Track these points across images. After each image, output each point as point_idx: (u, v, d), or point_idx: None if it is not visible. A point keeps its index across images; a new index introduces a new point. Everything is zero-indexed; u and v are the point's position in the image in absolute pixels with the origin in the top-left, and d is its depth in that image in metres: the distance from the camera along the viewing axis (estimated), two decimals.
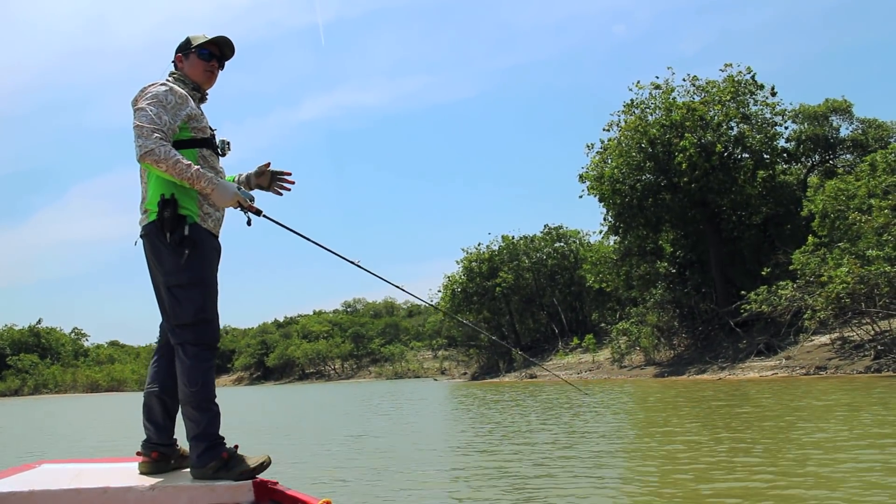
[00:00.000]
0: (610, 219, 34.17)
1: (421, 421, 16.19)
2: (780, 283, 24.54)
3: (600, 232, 37.46)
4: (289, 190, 3.96)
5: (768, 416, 11.54)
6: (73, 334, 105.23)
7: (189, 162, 3.27)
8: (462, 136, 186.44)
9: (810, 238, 23.83)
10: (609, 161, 32.27)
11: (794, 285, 23.64)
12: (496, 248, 52.59)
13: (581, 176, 33.33)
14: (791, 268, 24.13)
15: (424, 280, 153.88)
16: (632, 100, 32.32)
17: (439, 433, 12.78)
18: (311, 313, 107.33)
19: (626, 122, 32.07)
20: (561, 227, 52.43)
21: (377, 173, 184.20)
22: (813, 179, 29.22)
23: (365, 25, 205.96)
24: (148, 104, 3.29)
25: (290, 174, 3.93)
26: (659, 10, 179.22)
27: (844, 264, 21.00)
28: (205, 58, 3.64)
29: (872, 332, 22.92)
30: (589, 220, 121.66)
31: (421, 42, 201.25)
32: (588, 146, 34.02)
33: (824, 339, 24.85)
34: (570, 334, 48.75)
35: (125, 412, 28.44)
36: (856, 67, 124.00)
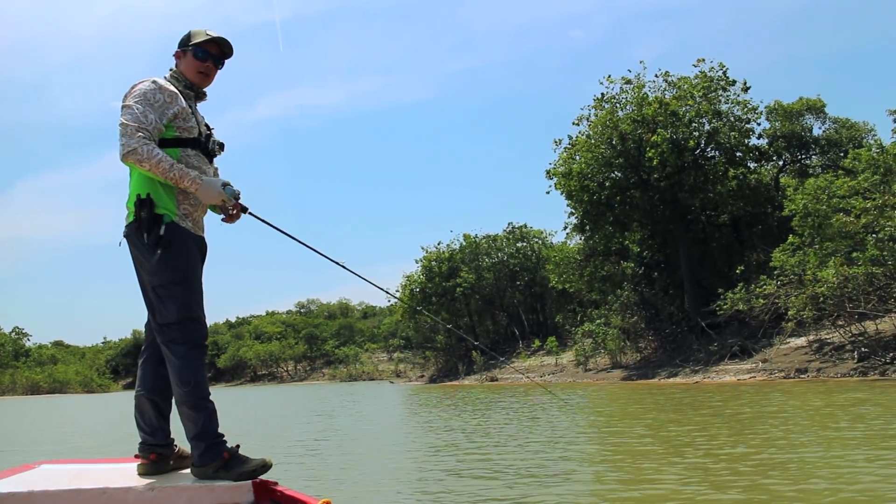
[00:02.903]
0: (576, 218, 33.27)
1: (397, 422, 15.79)
2: (762, 278, 23.74)
3: (564, 228, 36.53)
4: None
5: (802, 421, 10.54)
6: (14, 334, 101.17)
7: (172, 161, 3.27)
8: (420, 137, 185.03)
9: (791, 237, 23.08)
10: (577, 157, 31.30)
11: (777, 283, 22.85)
12: (457, 246, 51.35)
13: (548, 172, 32.30)
14: (771, 264, 23.36)
15: (382, 281, 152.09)
16: (602, 94, 31.40)
17: (423, 435, 12.40)
18: (264, 314, 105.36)
19: (596, 116, 31.13)
20: (525, 227, 51.42)
21: (333, 173, 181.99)
22: (786, 180, 28.56)
23: (322, 24, 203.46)
24: (135, 102, 3.28)
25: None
26: (617, 15, 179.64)
27: (830, 265, 20.23)
28: (200, 58, 3.57)
29: (850, 334, 22.24)
30: (550, 221, 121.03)
31: (378, 42, 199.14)
32: (556, 141, 33.05)
33: (800, 341, 24.14)
34: (530, 336, 47.75)
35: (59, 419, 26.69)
36: (813, 74, 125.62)
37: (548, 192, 32.75)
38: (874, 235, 19.92)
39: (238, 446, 3.31)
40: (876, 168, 20.58)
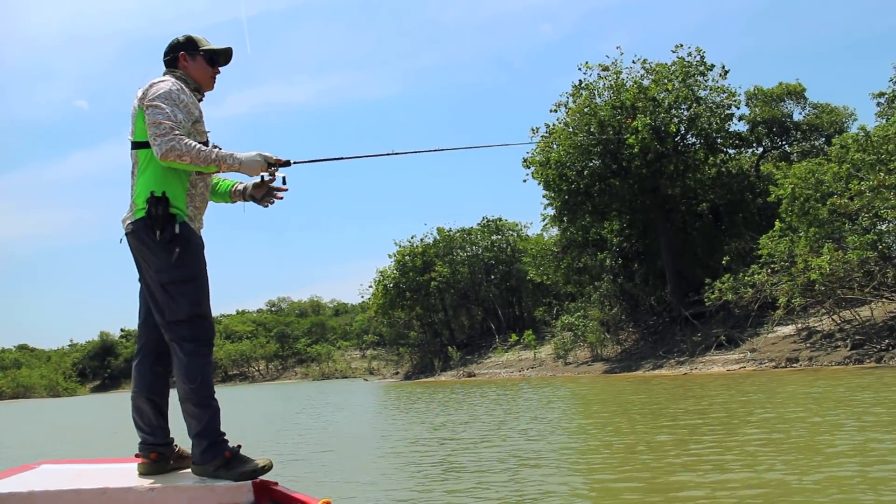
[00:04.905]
0: (554, 209, 32.58)
1: (388, 419, 15.55)
2: (752, 267, 23.11)
3: (543, 220, 35.78)
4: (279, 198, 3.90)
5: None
6: None
7: (210, 148, 3.35)
8: (389, 132, 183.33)
9: (777, 223, 22.50)
10: (555, 145, 30.53)
11: (768, 271, 22.22)
12: (431, 240, 50.48)
13: (525, 160, 31.48)
14: (758, 252, 22.75)
15: (355, 277, 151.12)
16: (580, 81, 30.64)
17: (418, 431, 12.17)
18: (234, 313, 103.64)
19: (574, 104, 30.37)
20: (500, 220, 50.63)
21: (303, 170, 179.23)
22: (767, 166, 28.02)
23: (288, 21, 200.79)
24: (162, 101, 3.31)
25: (286, 189, 3.82)
26: (586, 9, 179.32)
27: (825, 251, 19.61)
28: (212, 64, 3.71)
29: (841, 321, 21.72)
30: (524, 214, 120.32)
31: (346, 38, 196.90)
32: (533, 130, 32.22)
33: (788, 329, 23.59)
34: (507, 331, 47.02)
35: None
36: (790, 61, 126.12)
37: (524, 181, 31.95)
38: (867, 218, 19.41)
39: (239, 446, 3.31)
40: (865, 150, 20.00)
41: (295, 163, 3.58)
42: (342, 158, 3.83)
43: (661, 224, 30.18)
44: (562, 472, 6.91)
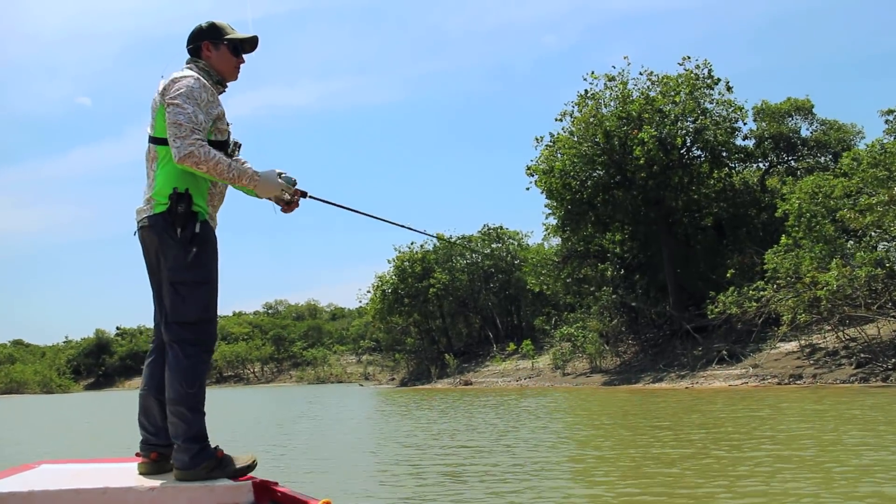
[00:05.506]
0: (556, 218, 32.42)
1: (389, 423, 15.40)
2: (758, 283, 22.89)
3: (546, 229, 35.59)
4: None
5: None
6: None
7: (229, 161, 3.26)
8: (391, 138, 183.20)
9: (783, 238, 22.29)
10: (559, 154, 30.37)
11: (774, 286, 21.99)
12: (430, 247, 50.24)
13: (529, 168, 31.30)
14: (764, 266, 22.54)
15: (353, 283, 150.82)
16: (586, 90, 30.48)
17: (420, 436, 11.97)
18: (231, 314, 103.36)
19: (580, 113, 30.19)
20: (500, 228, 50.36)
21: (304, 173, 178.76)
22: (773, 181, 27.79)
23: (293, 24, 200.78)
24: (184, 101, 3.23)
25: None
26: (589, 22, 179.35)
27: (833, 267, 19.39)
28: (236, 53, 3.62)
29: (845, 338, 21.50)
30: (524, 223, 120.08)
31: (350, 43, 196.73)
32: (537, 139, 32.07)
33: (791, 345, 23.35)
34: (505, 340, 46.73)
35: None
36: (796, 78, 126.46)
37: (528, 189, 31.81)
38: (876, 234, 19.23)
39: (217, 446, 3.30)
40: (878, 164, 19.81)
41: (310, 197, 3.54)
42: (357, 212, 3.83)
43: (664, 236, 30.01)
44: (578, 481, 6.75)
